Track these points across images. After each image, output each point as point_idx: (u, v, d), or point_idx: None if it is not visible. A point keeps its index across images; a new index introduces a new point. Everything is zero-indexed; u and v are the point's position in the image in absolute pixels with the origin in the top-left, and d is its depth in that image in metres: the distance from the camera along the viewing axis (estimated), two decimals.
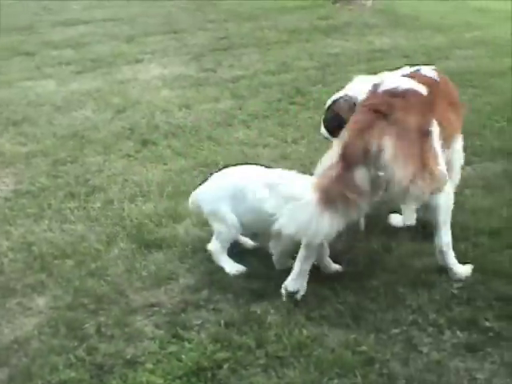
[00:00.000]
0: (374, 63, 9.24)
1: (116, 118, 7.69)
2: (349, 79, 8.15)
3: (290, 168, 5.98)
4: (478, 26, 11.59)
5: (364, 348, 3.80)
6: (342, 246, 4.71)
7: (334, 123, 4.95)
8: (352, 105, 4.88)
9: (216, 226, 4.80)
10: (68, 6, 15.07)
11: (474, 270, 4.44)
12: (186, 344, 3.92)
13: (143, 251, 4.91)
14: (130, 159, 6.56)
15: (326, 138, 5.26)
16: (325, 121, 5.28)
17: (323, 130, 5.30)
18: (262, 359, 3.77)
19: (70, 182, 6.14)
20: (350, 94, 5.04)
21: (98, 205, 5.67)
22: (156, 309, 4.29)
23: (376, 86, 4.42)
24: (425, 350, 3.80)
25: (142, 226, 5.25)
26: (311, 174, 5.70)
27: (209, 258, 4.76)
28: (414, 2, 13.76)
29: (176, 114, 7.70)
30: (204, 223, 5.15)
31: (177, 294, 4.43)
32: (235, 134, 6.98)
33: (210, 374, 3.68)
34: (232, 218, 4.69)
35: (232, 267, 4.67)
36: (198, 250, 4.89)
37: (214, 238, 4.81)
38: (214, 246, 4.78)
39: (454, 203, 5.16)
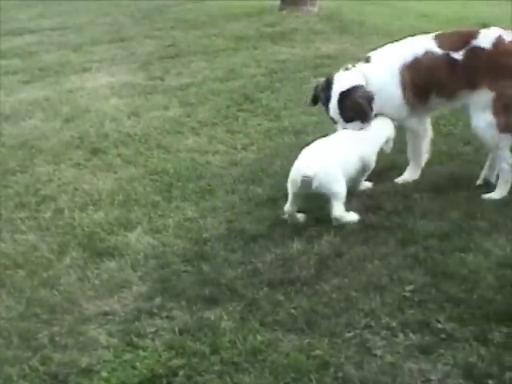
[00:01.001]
0: (322, 69, 9.28)
1: (65, 127, 7.65)
2: (296, 86, 8.30)
3: (241, 175, 6.08)
4: (423, 30, 11.52)
5: (318, 352, 3.81)
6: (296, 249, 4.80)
7: (352, 112, 5.54)
8: (370, 97, 5.52)
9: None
10: (14, 15, 14.91)
11: (424, 273, 4.49)
12: (141, 352, 3.91)
13: (95, 260, 4.90)
14: (80, 168, 6.54)
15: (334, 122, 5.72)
16: (341, 108, 5.58)
17: (336, 116, 5.66)
18: (216, 365, 3.77)
19: (20, 191, 6.09)
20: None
21: (49, 214, 5.64)
22: (110, 317, 4.28)
23: None
24: (379, 352, 3.83)
25: (94, 234, 5.23)
26: (260, 180, 5.81)
27: (161, 264, 4.78)
28: (359, 7, 13.91)
29: (125, 122, 7.68)
30: (156, 230, 5.16)
31: (130, 302, 4.41)
32: (185, 142, 6.99)
33: (165, 382, 3.68)
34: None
35: (355, 216, 5.16)
36: (150, 258, 4.89)
37: (336, 203, 5.08)
38: (340, 211, 5.10)
39: (404, 207, 5.28)
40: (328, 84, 5.71)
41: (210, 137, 7.07)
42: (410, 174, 5.95)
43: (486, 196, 5.54)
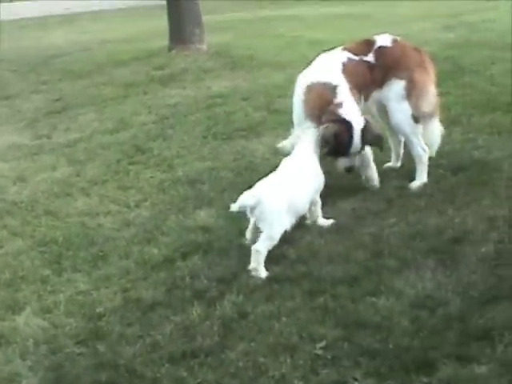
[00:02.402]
0: (214, 109, 9.06)
1: None
2: (189, 131, 8.01)
3: (134, 236, 5.72)
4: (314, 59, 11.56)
5: None
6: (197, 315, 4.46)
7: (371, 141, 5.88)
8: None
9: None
10: None
11: (335, 325, 4.21)
12: None
13: None
14: None
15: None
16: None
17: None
18: None
19: None
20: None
21: None
22: None
23: None
24: None
25: None
26: (156, 240, 5.48)
27: (53, 349, 4.38)
28: (248, 41, 13.72)
29: (10, 188, 7.20)
30: (46, 310, 4.76)
31: None
32: (74, 204, 6.56)
33: None
34: None
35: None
36: (41, 343, 4.46)
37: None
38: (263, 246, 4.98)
39: (309, 254, 5.02)
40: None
41: (101, 196, 6.66)
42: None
43: (413, 184, 6.03)
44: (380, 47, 6.14)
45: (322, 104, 5.87)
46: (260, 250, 4.95)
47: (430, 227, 5.32)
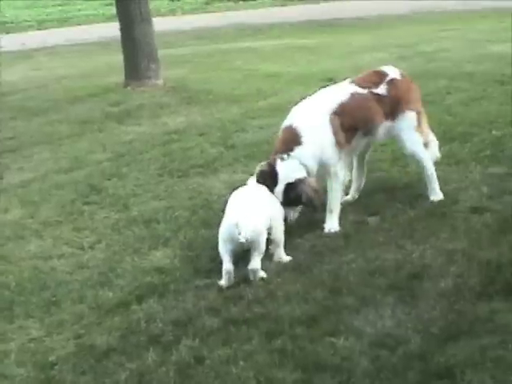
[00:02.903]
0: (170, 146, 8.94)
1: None
2: (144, 169, 7.90)
3: (88, 279, 5.58)
4: (271, 92, 11.57)
5: None
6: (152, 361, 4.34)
7: (298, 201, 5.91)
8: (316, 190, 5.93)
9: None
10: None
11: (294, 368, 4.12)
12: None
13: None
14: None
15: None
16: (286, 199, 5.86)
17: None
18: None
19: None
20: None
21: None
22: None
23: None
24: None
25: None
26: (110, 283, 5.36)
27: None
28: (204, 75, 13.65)
29: None
30: None
31: None
32: (27, 248, 6.38)
33: None
34: None
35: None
36: None
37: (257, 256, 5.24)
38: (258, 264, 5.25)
39: (266, 294, 4.93)
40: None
41: (55, 238, 6.50)
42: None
43: (432, 198, 6.29)
44: (393, 79, 6.30)
45: (279, 147, 6.04)
46: (257, 266, 5.22)
47: (388, 263, 5.26)
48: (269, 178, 5.88)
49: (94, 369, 4.41)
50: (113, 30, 15.67)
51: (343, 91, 6.21)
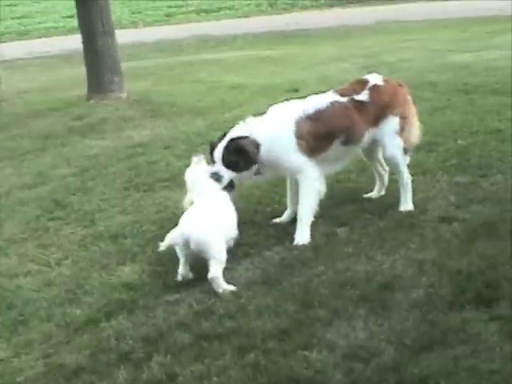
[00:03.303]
0: (135, 159, 8.87)
1: None
2: (109, 183, 7.82)
3: (56, 297, 5.49)
4: (235, 104, 11.55)
5: None
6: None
7: (237, 157, 5.87)
8: (257, 145, 5.91)
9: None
10: None
11: (267, 383, 4.07)
12: None
13: None
14: None
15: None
16: (227, 154, 5.91)
17: (219, 167, 5.93)
18: None
19: None
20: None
21: None
22: None
23: None
24: None
25: None
26: (78, 300, 5.27)
27: None
28: (168, 87, 13.60)
29: None
30: None
31: None
32: None
33: None
34: None
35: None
36: None
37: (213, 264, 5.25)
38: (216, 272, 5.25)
39: (237, 308, 4.88)
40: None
41: (20, 255, 6.38)
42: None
43: (402, 208, 6.32)
44: (374, 85, 6.31)
45: None
46: (217, 275, 5.21)
47: (359, 274, 5.25)
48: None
49: None
50: (74, 42, 15.61)
51: (322, 99, 6.22)
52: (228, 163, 5.92)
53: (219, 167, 5.94)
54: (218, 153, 5.96)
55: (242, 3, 33.03)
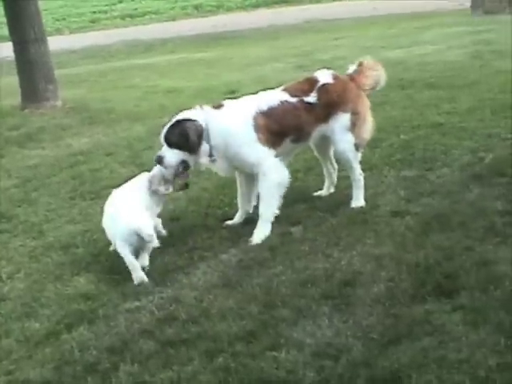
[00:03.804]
0: (78, 168, 8.75)
1: None
2: (54, 193, 7.67)
3: (12, 311, 5.37)
4: (173, 108, 11.33)
5: None
6: None
7: (180, 139, 5.93)
8: (200, 129, 5.95)
9: None
10: None
11: None
12: None
13: None
14: None
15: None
16: (169, 134, 6.01)
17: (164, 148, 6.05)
18: None
19: None
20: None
21: None
22: None
23: None
24: None
25: None
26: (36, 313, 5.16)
27: None
28: (103, 94, 13.47)
29: None
30: None
31: None
32: None
33: None
34: None
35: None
36: None
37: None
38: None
39: (200, 312, 4.85)
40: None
41: None
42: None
43: (353, 205, 6.36)
44: (323, 85, 6.28)
45: None
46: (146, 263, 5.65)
47: (318, 272, 5.26)
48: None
49: None
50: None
51: (274, 96, 6.24)
52: (170, 144, 6.00)
53: (164, 148, 6.05)
54: (163, 133, 6.08)
55: (167, 7, 32.95)
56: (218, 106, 6.19)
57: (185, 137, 5.94)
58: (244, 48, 18.16)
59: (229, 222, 6.44)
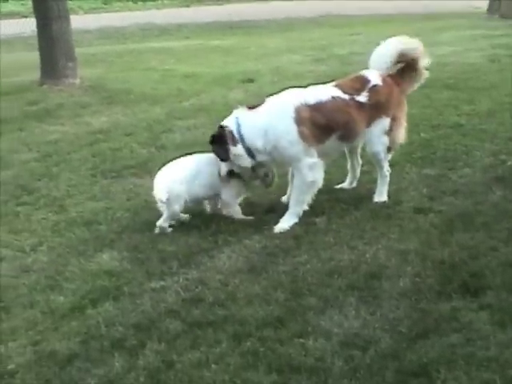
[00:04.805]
0: (98, 146, 8.78)
1: None
2: (75, 170, 7.67)
3: (36, 283, 5.38)
4: (191, 92, 11.52)
5: None
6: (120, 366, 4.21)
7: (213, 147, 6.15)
8: (225, 135, 6.02)
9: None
10: None
11: (269, 370, 4.07)
12: None
13: None
14: None
15: None
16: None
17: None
18: None
19: None
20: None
21: None
22: None
23: None
24: None
25: None
26: (60, 286, 5.16)
27: None
28: (121, 74, 13.48)
29: None
30: None
31: None
32: None
33: None
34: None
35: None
36: None
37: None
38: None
39: (226, 296, 4.85)
40: None
41: None
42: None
43: (376, 199, 6.43)
44: (374, 86, 6.28)
45: None
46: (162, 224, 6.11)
47: (344, 263, 5.28)
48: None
49: (59, 376, 4.22)
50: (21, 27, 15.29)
51: (325, 91, 6.21)
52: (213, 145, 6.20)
53: None
54: None
55: None
56: (255, 106, 6.14)
57: (213, 150, 6.16)
58: (260, 38, 18.15)
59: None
